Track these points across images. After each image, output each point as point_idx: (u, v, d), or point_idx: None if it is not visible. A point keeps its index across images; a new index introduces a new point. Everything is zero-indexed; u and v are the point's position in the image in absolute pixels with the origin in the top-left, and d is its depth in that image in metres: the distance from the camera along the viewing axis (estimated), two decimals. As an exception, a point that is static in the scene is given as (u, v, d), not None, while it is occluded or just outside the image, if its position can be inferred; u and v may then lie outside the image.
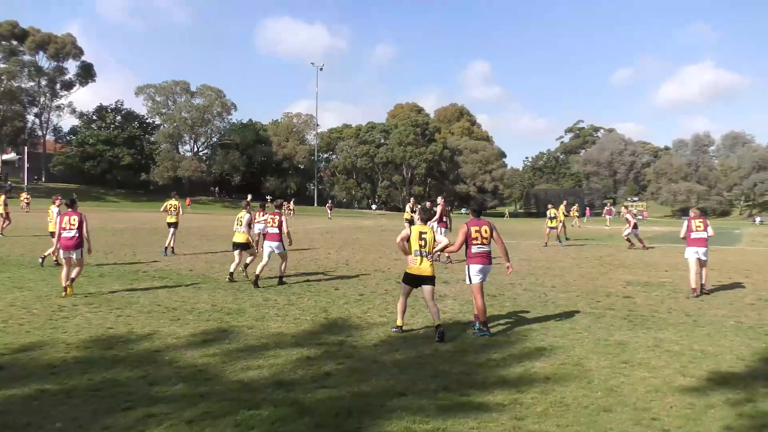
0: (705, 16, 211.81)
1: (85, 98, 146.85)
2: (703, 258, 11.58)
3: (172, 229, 17.64)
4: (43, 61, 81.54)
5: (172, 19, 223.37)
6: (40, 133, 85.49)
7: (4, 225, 22.12)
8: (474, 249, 7.97)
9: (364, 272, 13.97)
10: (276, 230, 11.80)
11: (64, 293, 9.98)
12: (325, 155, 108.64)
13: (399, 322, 8.01)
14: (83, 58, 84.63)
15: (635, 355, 6.84)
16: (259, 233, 15.19)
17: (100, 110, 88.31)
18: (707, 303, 10.48)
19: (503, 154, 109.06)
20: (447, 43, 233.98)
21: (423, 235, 7.74)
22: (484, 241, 8.00)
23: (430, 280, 7.76)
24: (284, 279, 12.01)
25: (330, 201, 76.39)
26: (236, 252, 12.44)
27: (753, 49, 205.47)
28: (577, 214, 38.30)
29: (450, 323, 8.46)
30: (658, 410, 5.03)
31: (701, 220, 11.85)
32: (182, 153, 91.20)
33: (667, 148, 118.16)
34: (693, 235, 11.71)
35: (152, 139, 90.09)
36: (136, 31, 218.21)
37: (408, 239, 7.81)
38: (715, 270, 14.95)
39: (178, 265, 14.47)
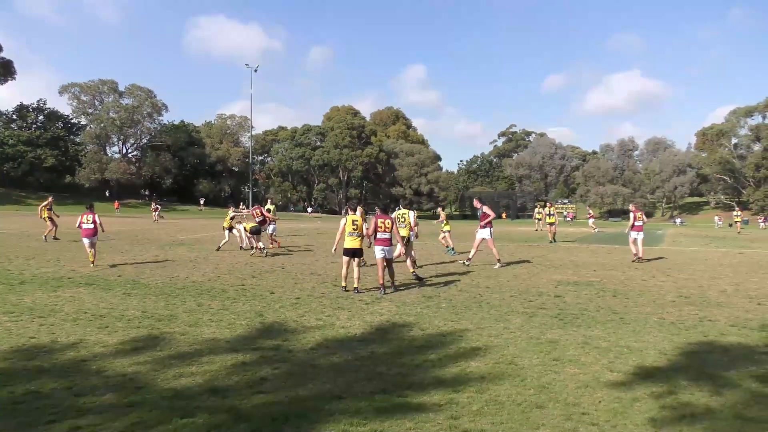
0: (634, 26, 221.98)
1: (3, 96, 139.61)
2: (642, 238, 17.78)
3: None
4: (-43, 56, 77.01)
5: (98, 15, 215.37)
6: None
7: (51, 229, 23.73)
8: (378, 235, 11.32)
9: (300, 275, 13.85)
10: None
11: (92, 264, 14.48)
12: (260, 157, 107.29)
13: (342, 284, 11.55)
14: (2, 54, 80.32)
15: (566, 352, 7.05)
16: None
17: (21, 109, 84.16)
18: (632, 301, 10.93)
19: (438, 158, 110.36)
20: (384, 47, 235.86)
21: (355, 222, 11.45)
22: (386, 230, 11.33)
23: (359, 252, 11.49)
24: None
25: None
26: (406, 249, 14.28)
27: (676, 59, 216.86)
28: (539, 216, 37.26)
29: (387, 325, 8.51)
30: (587, 405, 5.21)
31: (641, 213, 18.15)
32: (110, 155, 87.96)
33: (594, 153, 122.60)
34: (636, 224, 17.82)
35: (78, 140, 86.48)
36: (59, 28, 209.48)
37: (345, 227, 11.43)
38: (639, 269, 15.75)
39: (106, 271, 13.94)
